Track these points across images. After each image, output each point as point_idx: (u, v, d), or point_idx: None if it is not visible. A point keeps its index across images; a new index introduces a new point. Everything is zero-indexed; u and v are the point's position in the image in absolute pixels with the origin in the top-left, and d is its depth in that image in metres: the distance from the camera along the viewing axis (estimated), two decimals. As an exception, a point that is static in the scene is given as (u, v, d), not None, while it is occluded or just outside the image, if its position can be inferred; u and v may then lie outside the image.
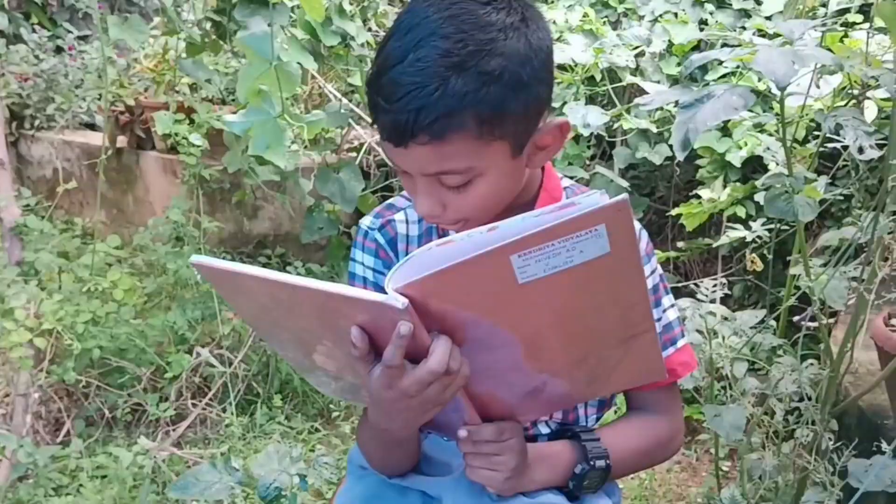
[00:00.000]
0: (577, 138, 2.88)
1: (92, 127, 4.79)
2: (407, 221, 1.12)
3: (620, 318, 0.89)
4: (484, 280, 0.80)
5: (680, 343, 1.14)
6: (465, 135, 0.88)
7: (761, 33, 3.00)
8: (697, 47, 3.10)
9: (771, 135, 2.52)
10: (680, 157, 1.27)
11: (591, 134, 2.53)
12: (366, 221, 1.13)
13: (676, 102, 1.40)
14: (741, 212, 2.72)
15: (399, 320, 0.80)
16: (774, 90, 1.44)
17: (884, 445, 1.41)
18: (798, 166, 2.19)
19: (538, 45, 0.92)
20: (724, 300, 3.12)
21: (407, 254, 1.08)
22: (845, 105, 2.11)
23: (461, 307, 0.83)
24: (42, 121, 4.71)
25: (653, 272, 1.10)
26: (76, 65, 4.75)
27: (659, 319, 1.10)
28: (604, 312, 0.88)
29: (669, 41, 2.89)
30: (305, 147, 2.67)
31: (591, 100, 2.82)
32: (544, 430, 1.13)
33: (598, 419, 1.16)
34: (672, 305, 1.14)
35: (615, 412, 1.63)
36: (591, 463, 1.05)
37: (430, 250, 0.82)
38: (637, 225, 1.08)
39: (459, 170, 0.92)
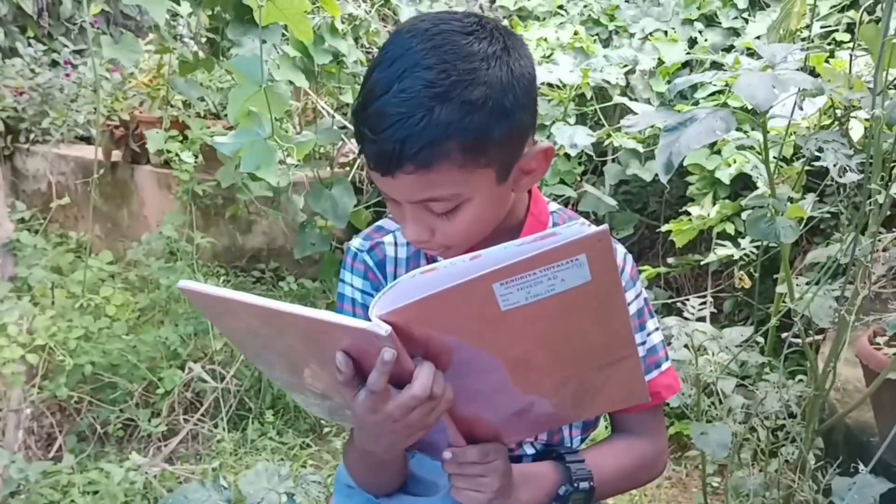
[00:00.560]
0: (567, 155, 2.91)
1: (87, 140, 4.81)
2: (396, 244, 1.13)
3: (603, 343, 0.91)
4: (467, 307, 0.81)
5: (664, 366, 1.15)
6: (450, 163, 0.90)
7: (749, 52, 3.04)
8: (687, 64, 3.13)
9: (759, 153, 2.55)
10: (664, 179, 1.29)
11: (582, 151, 2.55)
12: (355, 243, 1.14)
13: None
14: (730, 228, 2.74)
15: (383, 347, 0.81)
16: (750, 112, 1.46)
17: (861, 467, 1.42)
18: (783, 186, 2.21)
19: (520, 73, 0.93)
20: (715, 315, 3.15)
21: (395, 276, 1.11)
22: (831, 124, 2.14)
23: (445, 332, 0.84)
24: (37, 134, 4.72)
25: (637, 296, 1.12)
26: (72, 79, 4.77)
27: (643, 343, 1.12)
28: (586, 337, 0.89)
29: (659, 59, 2.92)
30: (298, 164, 2.68)
31: (580, 118, 2.84)
32: (529, 450, 1.14)
33: (582, 440, 1.18)
34: (657, 328, 1.15)
35: (606, 427, 1.65)
36: (575, 485, 1.06)
37: (413, 277, 0.84)
38: (621, 250, 1.10)
39: (446, 197, 0.93)
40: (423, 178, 0.90)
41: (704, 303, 1.91)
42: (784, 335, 2.41)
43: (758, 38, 3.01)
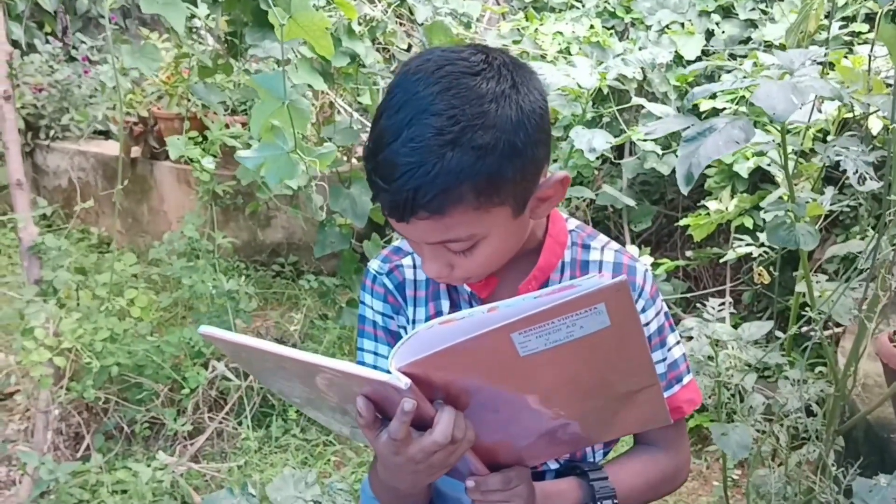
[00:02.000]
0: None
1: (106, 135, 4.85)
2: (415, 266, 1.14)
3: (624, 376, 0.93)
4: (485, 355, 0.83)
5: (686, 380, 1.16)
6: (464, 207, 0.90)
7: (767, 45, 3.02)
8: (705, 54, 3.12)
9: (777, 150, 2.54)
10: (684, 190, 1.30)
11: (599, 148, 2.55)
12: (373, 266, 1.16)
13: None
14: (748, 222, 2.74)
15: (403, 398, 0.84)
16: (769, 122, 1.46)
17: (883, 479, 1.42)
18: (802, 184, 2.21)
19: (530, 109, 0.93)
20: (734, 306, 3.15)
21: (415, 300, 1.12)
22: (850, 121, 2.14)
23: (464, 377, 0.87)
24: (57, 131, 4.77)
25: (657, 313, 1.12)
26: (90, 75, 4.81)
27: (664, 359, 1.13)
28: (608, 373, 0.91)
29: (676, 52, 2.91)
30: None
31: (598, 119, 2.84)
32: (552, 465, 1.16)
33: (605, 454, 1.19)
34: (677, 342, 1.16)
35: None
36: (598, 502, 1.08)
37: (431, 328, 0.86)
38: (641, 268, 1.11)
39: (462, 238, 0.94)
40: (438, 223, 0.91)
41: (724, 303, 1.91)
42: (804, 329, 2.43)
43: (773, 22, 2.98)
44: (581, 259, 1.11)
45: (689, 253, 3.04)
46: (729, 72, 2.83)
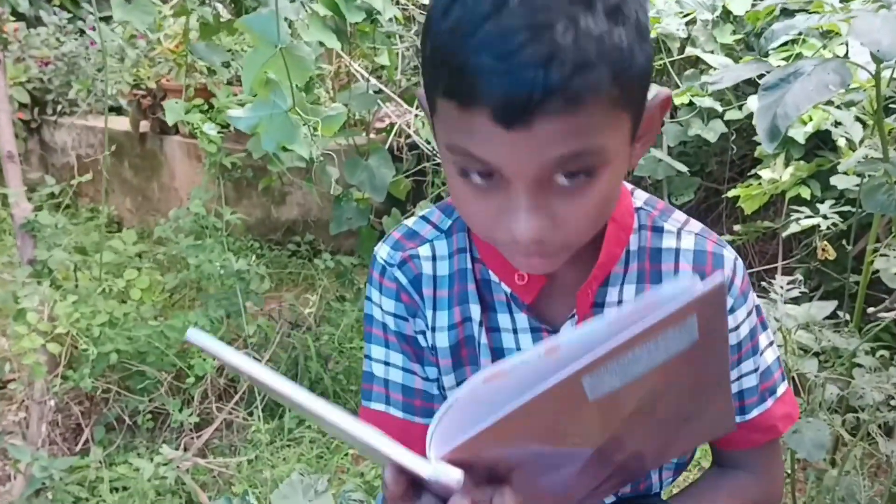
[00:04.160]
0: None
1: (117, 111, 4.65)
2: (434, 258, 0.88)
3: (700, 396, 0.72)
4: (546, 411, 0.61)
5: (780, 390, 0.92)
6: (601, 97, 0.64)
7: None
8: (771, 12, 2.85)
9: (839, 107, 2.28)
10: (769, 148, 1.07)
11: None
12: (382, 253, 0.90)
13: (751, 80, 1.19)
14: (805, 193, 2.49)
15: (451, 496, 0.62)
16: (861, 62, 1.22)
17: None
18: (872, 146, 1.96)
19: None
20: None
21: (435, 300, 0.88)
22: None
23: (519, 444, 0.64)
24: (64, 106, 4.58)
25: (749, 313, 0.88)
26: (97, 47, 4.60)
27: (756, 369, 0.90)
28: (683, 398, 0.70)
29: (724, 7, 2.65)
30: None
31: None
32: (607, 500, 0.94)
33: (673, 480, 0.96)
34: (770, 343, 0.92)
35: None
36: None
37: (474, 390, 0.62)
38: (730, 255, 0.86)
39: (592, 150, 0.66)
40: (569, 123, 0.64)
41: (794, 280, 1.68)
42: (871, 309, 2.19)
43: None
44: (651, 246, 0.86)
45: (736, 227, 2.79)
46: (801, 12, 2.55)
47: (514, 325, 0.86)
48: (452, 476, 0.60)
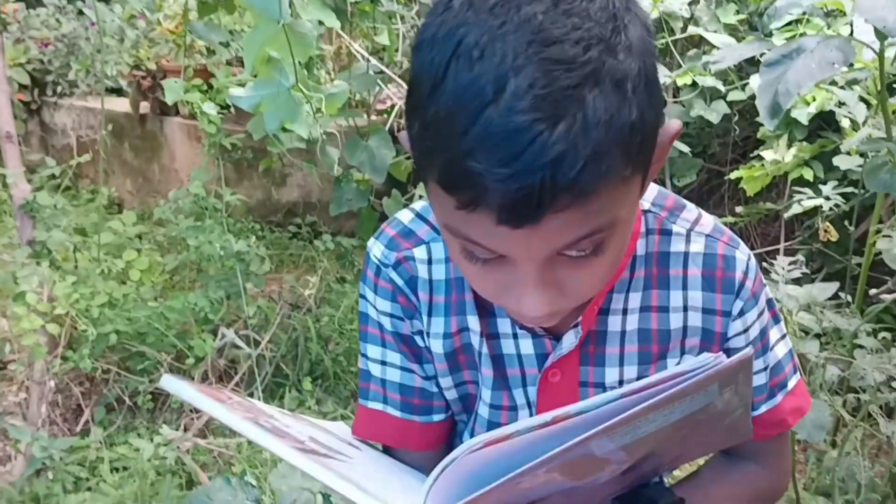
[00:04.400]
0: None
1: (117, 92, 4.63)
2: (429, 261, 0.84)
3: (718, 424, 0.71)
4: (553, 468, 0.59)
5: (791, 383, 0.89)
6: (613, 178, 0.59)
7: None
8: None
9: (843, 87, 2.26)
10: (770, 126, 1.05)
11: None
12: (376, 251, 0.85)
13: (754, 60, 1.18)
14: (808, 174, 2.48)
15: None
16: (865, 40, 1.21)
17: None
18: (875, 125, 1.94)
19: (647, 22, 0.63)
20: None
21: (431, 306, 0.84)
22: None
23: (518, 497, 0.63)
24: (64, 87, 4.56)
25: (760, 314, 0.84)
26: (97, 28, 4.58)
27: (765, 367, 0.87)
28: (699, 431, 0.69)
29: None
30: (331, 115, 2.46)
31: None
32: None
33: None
34: (782, 337, 0.89)
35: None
36: None
37: (475, 452, 0.60)
38: (742, 256, 0.82)
39: (602, 228, 0.62)
40: (579, 212, 0.59)
41: (795, 261, 1.67)
42: (873, 291, 2.18)
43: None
44: (659, 251, 0.82)
45: (738, 209, 2.77)
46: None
47: (514, 330, 0.83)
48: None
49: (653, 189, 0.85)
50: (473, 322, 0.84)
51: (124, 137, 4.27)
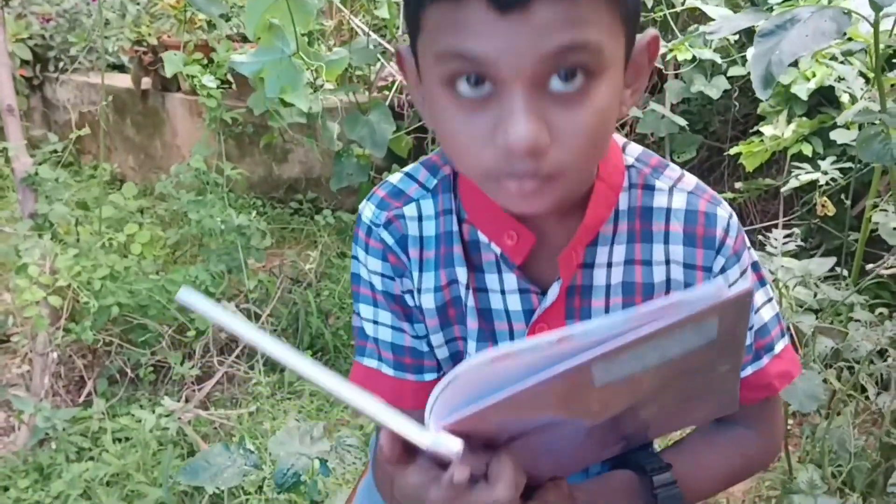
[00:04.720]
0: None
1: (119, 68, 4.63)
2: (420, 217, 0.85)
3: (709, 383, 0.72)
4: (553, 394, 0.61)
5: (778, 347, 0.89)
6: None
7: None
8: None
9: (843, 62, 2.26)
10: (762, 95, 1.06)
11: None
12: (367, 213, 0.86)
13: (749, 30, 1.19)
14: (807, 150, 2.48)
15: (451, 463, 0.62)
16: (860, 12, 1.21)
17: None
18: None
19: None
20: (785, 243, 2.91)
21: (421, 260, 0.86)
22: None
23: (520, 419, 0.64)
24: (66, 62, 4.56)
25: (743, 272, 0.85)
26: (98, 3, 4.57)
27: (751, 327, 0.87)
28: (691, 384, 0.70)
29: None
30: (332, 88, 2.47)
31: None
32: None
33: None
34: (768, 300, 0.89)
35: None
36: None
37: (480, 368, 0.61)
38: (723, 213, 0.83)
39: (591, 44, 0.64)
40: (568, 10, 0.62)
41: (790, 234, 1.68)
42: (869, 266, 2.19)
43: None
44: (642, 206, 0.83)
45: (738, 185, 2.78)
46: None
47: (502, 286, 0.85)
48: (452, 447, 0.61)
49: (637, 147, 0.86)
50: (462, 274, 0.85)
51: (126, 113, 4.27)
